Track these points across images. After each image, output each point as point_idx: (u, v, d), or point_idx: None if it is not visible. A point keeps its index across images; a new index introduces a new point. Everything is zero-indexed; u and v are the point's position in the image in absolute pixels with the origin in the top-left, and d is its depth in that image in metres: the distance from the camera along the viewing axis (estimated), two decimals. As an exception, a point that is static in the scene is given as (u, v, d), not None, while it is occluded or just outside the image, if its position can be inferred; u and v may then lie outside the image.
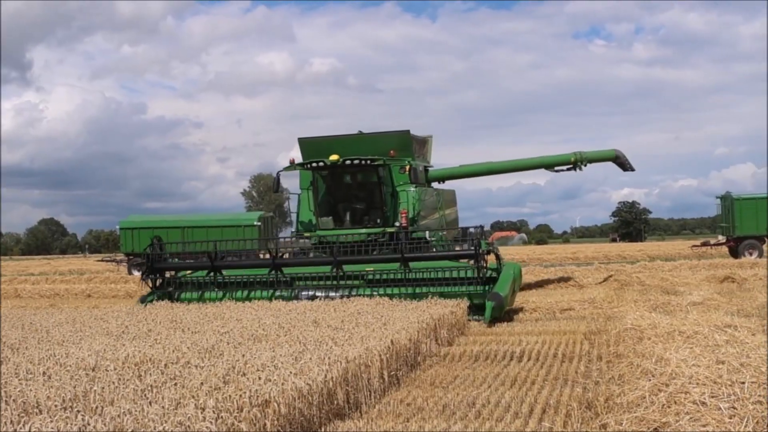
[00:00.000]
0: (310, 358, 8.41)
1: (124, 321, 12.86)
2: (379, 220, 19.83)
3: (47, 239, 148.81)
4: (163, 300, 17.64)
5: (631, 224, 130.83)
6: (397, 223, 19.40)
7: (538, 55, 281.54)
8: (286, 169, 19.87)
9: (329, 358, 8.44)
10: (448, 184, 23.91)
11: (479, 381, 9.79)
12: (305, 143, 21.34)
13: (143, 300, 18.21)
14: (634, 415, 6.30)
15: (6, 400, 6.37)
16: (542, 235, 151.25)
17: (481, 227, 18.01)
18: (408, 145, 20.78)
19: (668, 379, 6.88)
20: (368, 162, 19.22)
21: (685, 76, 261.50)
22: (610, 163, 24.50)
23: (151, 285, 18.69)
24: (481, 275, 16.46)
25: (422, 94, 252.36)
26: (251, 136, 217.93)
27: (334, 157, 19.08)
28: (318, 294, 17.00)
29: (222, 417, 6.08)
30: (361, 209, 20.23)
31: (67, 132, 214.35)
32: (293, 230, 21.00)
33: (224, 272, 18.41)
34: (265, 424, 6.45)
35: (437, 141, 23.93)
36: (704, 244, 43.55)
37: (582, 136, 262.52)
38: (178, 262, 20.45)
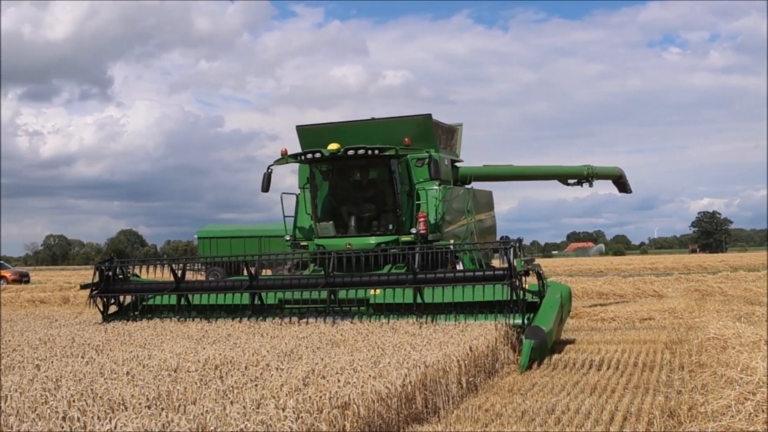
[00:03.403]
0: (389, 363, 8.43)
1: (203, 326, 13.07)
2: (391, 226, 16.15)
3: (127, 249, 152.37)
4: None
5: (711, 235, 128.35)
6: (414, 230, 15.75)
7: (609, 65, 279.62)
8: (277, 162, 16.28)
9: (408, 362, 8.46)
10: (486, 185, 20.14)
11: (558, 388, 9.67)
12: (304, 131, 17.80)
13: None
14: (719, 424, 6.17)
15: (93, 397, 6.54)
16: (620, 246, 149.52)
17: (519, 240, 13.49)
18: (430, 133, 17.05)
19: (755, 387, 6.72)
20: (376, 152, 15.47)
21: (763, 84, 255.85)
22: (688, 171, 23.72)
23: (101, 309, 15.40)
24: (517, 301, 12.64)
25: (493, 105, 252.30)
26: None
27: (333, 147, 15.59)
28: (310, 320, 13.47)
29: (302, 417, 6.15)
30: (369, 212, 16.56)
31: (145, 145, 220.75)
32: (287, 238, 17.16)
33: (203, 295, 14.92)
34: (344, 426, 6.48)
35: (507, 150, 22.29)
36: (789, 255, 42.38)
37: (654, 146, 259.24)
38: (137, 283, 15.98)
